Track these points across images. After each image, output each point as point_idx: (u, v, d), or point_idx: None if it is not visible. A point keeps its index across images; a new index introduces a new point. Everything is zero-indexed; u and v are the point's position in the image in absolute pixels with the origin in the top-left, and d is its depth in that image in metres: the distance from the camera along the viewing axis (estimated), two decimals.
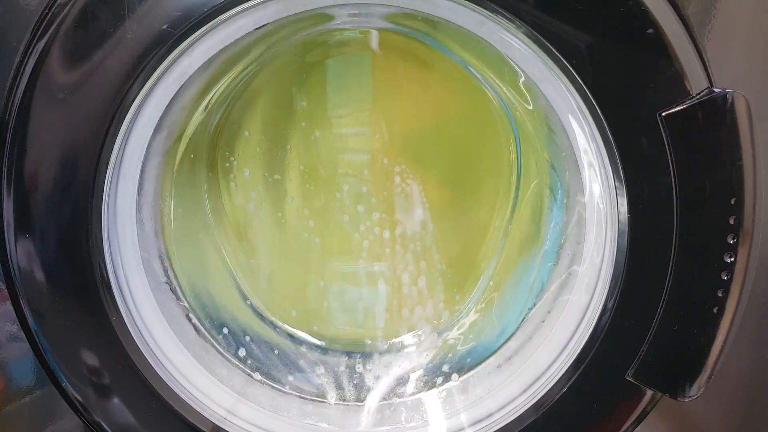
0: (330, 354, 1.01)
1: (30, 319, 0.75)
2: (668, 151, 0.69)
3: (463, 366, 0.94)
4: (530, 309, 0.90)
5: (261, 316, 1.03)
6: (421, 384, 0.94)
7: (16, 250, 0.73)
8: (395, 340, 1.04)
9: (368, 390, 0.94)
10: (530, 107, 0.89)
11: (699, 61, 0.70)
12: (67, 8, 0.69)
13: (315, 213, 1.05)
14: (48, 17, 0.70)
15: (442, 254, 1.07)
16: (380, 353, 1.02)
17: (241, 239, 1.05)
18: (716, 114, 0.68)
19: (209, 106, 0.94)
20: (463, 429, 0.85)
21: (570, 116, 0.74)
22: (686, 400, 0.74)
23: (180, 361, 0.84)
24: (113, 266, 0.78)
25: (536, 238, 0.95)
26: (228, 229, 1.05)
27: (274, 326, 1.04)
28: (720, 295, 0.71)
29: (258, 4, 0.71)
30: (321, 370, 0.97)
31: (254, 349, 0.96)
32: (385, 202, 1.05)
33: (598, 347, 0.76)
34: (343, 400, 0.93)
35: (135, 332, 0.79)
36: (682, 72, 0.68)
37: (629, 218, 0.72)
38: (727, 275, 0.70)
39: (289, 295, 1.07)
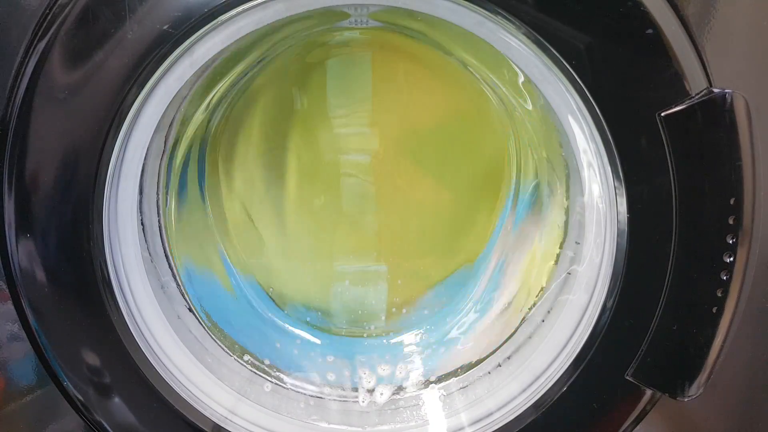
0: (330, 353, 1.01)
1: (31, 319, 0.75)
2: (667, 151, 0.69)
3: (463, 365, 0.94)
4: (530, 308, 0.90)
5: (261, 315, 1.04)
6: (421, 383, 0.94)
7: (17, 249, 0.73)
8: (395, 339, 1.04)
9: (368, 389, 0.94)
10: (529, 107, 0.89)
11: (698, 62, 0.70)
12: (68, 9, 0.69)
13: (315, 213, 1.06)
14: (49, 18, 0.70)
15: (442, 254, 1.07)
16: (381, 352, 1.02)
17: (241, 239, 1.05)
18: (715, 114, 0.68)
19: (209, 106, 0.94)
20: (462, 428, 0.85)
21: (569, 116, 0.75)
22: (685, 400, 0.74)
23: (181, 360, 0.84)
24: (114, 266, 0.78)
25: (535, 238, 0.95)
26: (228, 228, 1.05)
27: (274, 325, 1.04)
28: (719, 294, 0.71)
29: (258, 4, 0.71)
30: (321, 369, 0.97)
31: (254, 348, 0.96)
32: (385, 202, 1.05)
33: (598, 347, 0.76)
34: (344, 400, 0.93)
35: (136, 331, 0.79)
36: (682, 72, 0.68)
37: (629, 218, 0.72)
38: (726, 275, 0.70)
39: (289, 294, 1.07)
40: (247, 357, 0.93)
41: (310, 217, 1.06)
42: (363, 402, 0.91)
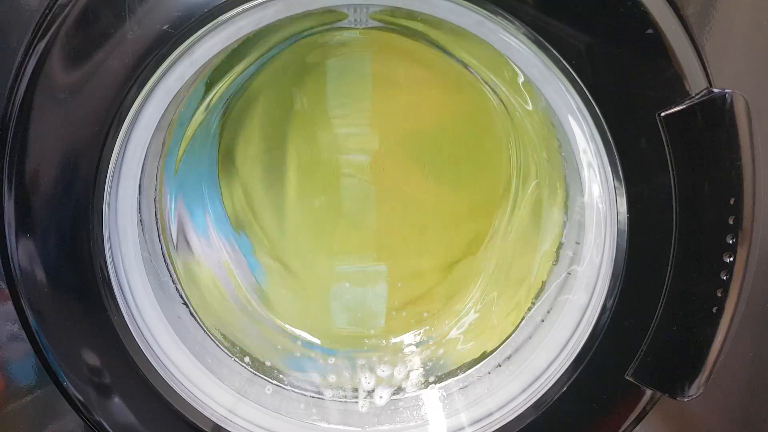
0: (330, 353, 1.01)
1: (31, 319, 0.75)
2: (667, 151, 0.69)
3: (463, 365, 0.94)
4: (530, 309, 0.90)
5: (261, 316, 1.04)
6: (421, 383, 0.94)
7: (17, 250, 0.73)
8: (395, 340, 1.04)
9: (368, 389, 0.94)
10: (529, 107, 0.89)
11: (698, 62, 0.70)
12: (68, 9, 0.69)
13: (315, 213, 1.06)
14: (49, 18, 0.70)
15: (442, 254, 1.07)
16: (381, 352, 1.02)
17: (241, 239, 1.05)
18: (715, 114, 0.68)
19: (210, 106, 0.94)
20: (462, 428, 0.85)
21: (569, 116, 0.75)
22: (685, 400, 0.74)
23: (181, 360, 0.84)
24: (114, 266, 0.78)
25: (536, 238, 0.95)
26: (228, 228, 1.05)
27: (274, 326, 1.04)
28: (719, 294, 0.71)
29: (258, 4, 0.71)
30: (321, 369, 0.97)
31: (254, 348, 0.96)
32: (385, 202, 1.05)
33: (598, 347, 0.76)
34: (344, 400, 0.93)
35: (136, 332, 0.79)
36: (682, 72, 0.68)
37: (628, 218, 0.72)
38: (726, 275, 0.70)
39: (289, 294, 1.07)
40: (247, 359, 0.93)
41: (310, 217, 1.06)
42: (363, 408, 0.91)
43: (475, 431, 0.84)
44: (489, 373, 0.90)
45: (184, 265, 0.94)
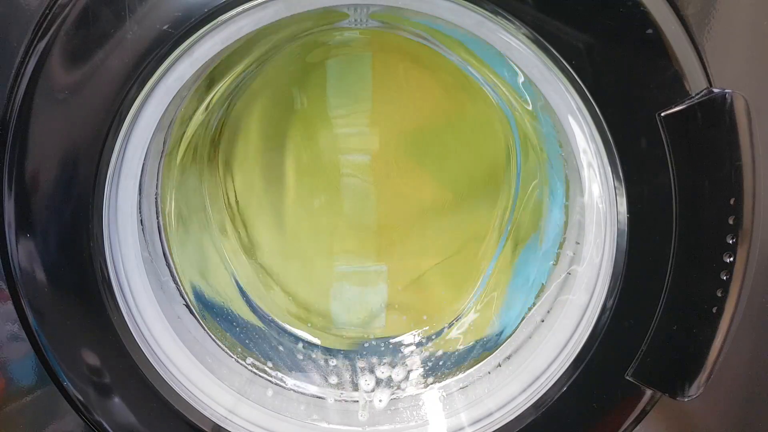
0: (330, 353, 1.01)
1: (31, 319, 0.75)
2: (667, 151, 0.69)
3: (463, 365, 0.94)
4: (530, 308, 0.90)
5: (261, 316, 1.04)
6: (421, 383, 0.94)
7: (17, 249, 0.73)
8: (395, 340, 1.04)
9: (368, 389, 0.94)
10: (529, 107, 0.89)
11: (698, 62, 0.70)
12: (68, 9, 0.69)
13: (315, 213, 1.06)
14: (49, 18, 0.70)
15: (442, 254, 1.07)
16: (380, 353, 1.02)
17: (241, 239, 1.05)
18: (715, 114, 0.68)
19: (209, 106, 0.94)
20: (462, 428, 0.85)
21: (569, 116, 0.75)
22: (685, 400, 0.74)
23: (181, 360, 0.84)
24: (114, 266, 0.78)
25: (536, 238, 0.95)
26: (228, 228, 1.05)
27: (274, 325, 1.04)
28: (719, 294, 0.71)
29: (258, 4, 0.71)
30: (322, 371, 0.97)
31: (255, 349, 0.96)
32: (385, 202, 1.05)
33: (598, 347, 0.76)
34: (344, 400, 0.93)
35: (136, 331, 0.79)
36: (682, 72, 0.69)
37: (628, 218, 0.72)
38: (726, 275, 0.70)
39: (289, 294, 1.07)
40: (249, 360, 0.93)
41: (310, 218, 1.06)
42: (362, 417, 0.91)
43: (475, 431, 0.84)
44: (489, 373, 0.90)
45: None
